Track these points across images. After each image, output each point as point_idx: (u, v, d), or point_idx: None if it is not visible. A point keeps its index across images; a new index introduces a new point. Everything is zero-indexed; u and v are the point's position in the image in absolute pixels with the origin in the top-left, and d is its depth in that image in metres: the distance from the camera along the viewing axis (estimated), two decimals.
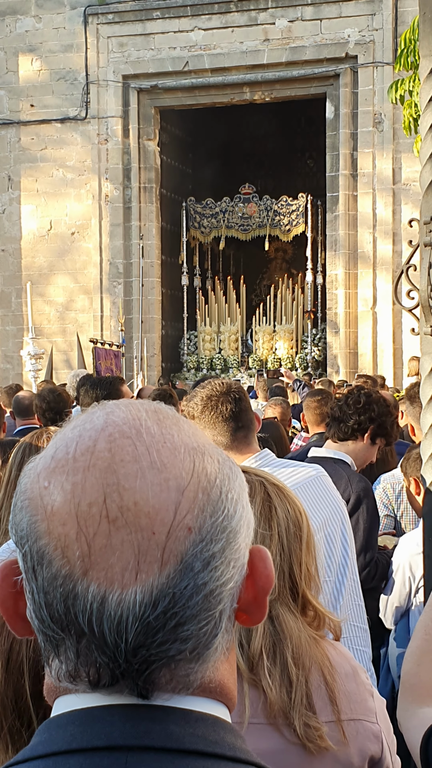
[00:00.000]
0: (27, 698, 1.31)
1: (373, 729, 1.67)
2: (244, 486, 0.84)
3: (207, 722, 0.79)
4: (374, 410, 3.81)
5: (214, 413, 2.76)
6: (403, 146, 15.66)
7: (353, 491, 3.67)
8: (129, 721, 0.76)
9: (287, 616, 1.68)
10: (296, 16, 16.47)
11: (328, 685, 1.64)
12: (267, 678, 1.62)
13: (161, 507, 0.76)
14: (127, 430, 0.79)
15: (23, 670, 1.32)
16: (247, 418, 2.80)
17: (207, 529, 0.78)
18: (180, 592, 0.76)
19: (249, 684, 1.62)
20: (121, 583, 0.75)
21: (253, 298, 20.47)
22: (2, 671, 1.33)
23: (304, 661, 1.64)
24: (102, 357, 10.80)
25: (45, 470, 0.80)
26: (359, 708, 1.66)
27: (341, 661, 1.70)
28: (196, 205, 18.46)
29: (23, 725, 1.30)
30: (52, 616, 0.77)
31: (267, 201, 18.14)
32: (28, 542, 0.78)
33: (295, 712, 1.60)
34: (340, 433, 3.83)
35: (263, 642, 1.64)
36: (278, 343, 18.14)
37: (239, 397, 2.80)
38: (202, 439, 0.84)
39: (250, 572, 0.83)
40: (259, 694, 1.62)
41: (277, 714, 1.61)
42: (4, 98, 17.94)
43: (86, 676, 0.77)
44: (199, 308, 18.57)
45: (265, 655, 1.63)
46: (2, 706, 1.32)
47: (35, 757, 0.78)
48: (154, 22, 17.06)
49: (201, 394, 2.82)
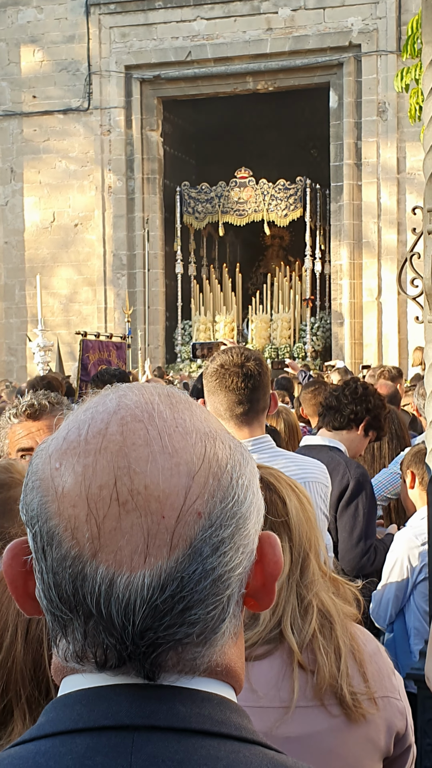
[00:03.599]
0: (46, 667, 1.32)
1: (399, 705, 1.72)
2: (255, 472, 0.85)
3: (213, 702, 0.79)
4: (370, 402, 3.85)
5: (220, 382, 2.70)
6: (408, 135, 15.61)
7: (352, 477, 3.69)
8: (136, 701, 0.77)
9: (326, 597, 1.74)
10: (299, 5, 16.41)
11: (360, 663, 1.69)
12: (323, 654, 1.66)
13: (171, 491, 0.77)
14: (140, 414, 0.80)
15: (42, 640, 1.34)
16: (254, 397, 2.70)
17: (217, 514, 0.78)
18: (188, 577, 0.76)
19: (299, 666, 1.67)
20: (129, 566, 0.75)
21: (249, 287, 20.11)
22: (22, 640, 1.34)
23: (345, 636, 1.71)
24: (94, 350, 10.62)
25: (56, 451, 0.81)
26: (386, 685, 1.71)
27: (366, 641, 1.75)
28: (190, 190, 18.04)
29: (41, 694, 1.32)
30: (61, 596, 0.77)
31: (264, 185, 17.66)
32: (38, 522, 0.79)
33: (343, 681, 1.65)
34: (335, 422, 3.85)
35: (315, 624, 1.69)
36: (275, 332, 17.62)
37: (252, 374, 2.69)
38: (214, 424, 0.84)
39: (260, 558, 0.83)
40: (306, 676, 1.67)
41: (325, 691, 1.66)
42: (6, 90, 17.92)
43: (93, 657, 0.78)
44: (194, 297, 18.16)
45: (320, 634, 1.68)
46: (21, 676, 1.33)
47: (42, 736, 0.78)
48: (156, 12, 17.02)
49: (218, 359, 2.76)
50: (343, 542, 3.69)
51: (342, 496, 3.68)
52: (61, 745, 0.76)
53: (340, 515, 3.69)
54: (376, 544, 3.73)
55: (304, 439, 4.12)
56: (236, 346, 3.10)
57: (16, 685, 1.32)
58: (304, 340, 17.27)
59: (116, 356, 11.15)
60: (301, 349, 17.19)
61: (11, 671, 1.33)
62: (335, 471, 3.58)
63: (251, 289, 19.89)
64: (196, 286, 18.13)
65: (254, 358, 2.77)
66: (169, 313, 18.28)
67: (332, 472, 3.31)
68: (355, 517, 3.67)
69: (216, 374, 2.72)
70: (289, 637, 1.67)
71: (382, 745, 1.68)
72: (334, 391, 4.00)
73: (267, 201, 17.49)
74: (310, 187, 17.20)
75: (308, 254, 17.42)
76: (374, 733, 1.67)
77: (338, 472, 3.64)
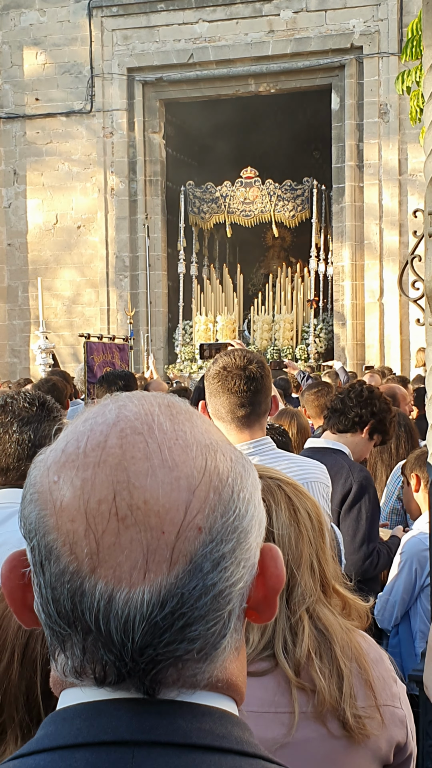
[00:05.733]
0: (38, 695, 1.31)
1: (399, 714, 1.69)
2: (256, 484, 0.83)
3: (214, 716, 0.79)
4: (376, 405, 3.83)
5: (223, 384, 2.70)
6: (409, 137, 15.59)
7: (355, 480, 3.68)
8: (136, 716, 0.76)
9: (326, 613, 1.69)
10: (301, 7, 16.40)
11: (364, 672, 1.66)
12: (320, 678, 1.62)
13: (171, 506, 0.75)
14: (139, 426, 0.78)
15: (36, 667, 1.33)
16: (256, 400, 2.71)
17: (217, 529, 0.77)
18: (189, 593, 0.75)
19: (297, 688, 1.63)
20: (129, 582, 0.74)
21: (249, 288, 19.93)
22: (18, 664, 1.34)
23: (347, 653, 1.66)
24: (98, 351, 10.61)
25: (55, 464, 0.79)
26: (387, 694, 1.69)
27: (369, 648, 1.72)
28: (195, 189, 17.85)
29: (32, 721, 1.31)
30: (59, 611, 0.77)
31: (270, 186, 17.49)
32: (36, 536, 0.78)
33: (345, 704, 1.61)
34: (340, 425, 3.84)
35: (310, 643, 1.65)
36: (277, 333, 17.34)
37: (254, 376, 2.70)
38: (215, 435, 0.83)
39: (261, 571, 0.82)
40: (307, 697, 1.63)
41: (327, 710, 1.62)
42: (9, 92, 17.93)
43: (92, 673, 0.77)
44: (195, 297, 17.94)
45: (314, 655, 1.64)
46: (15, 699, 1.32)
47: (41, 750, 0.77)
48: (158, 15, 17.01)
49: (221, 361, 2.76)
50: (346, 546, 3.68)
51: (345, 500, 3.67)
52: (60, 760, 0.75)
53: (342, 518, 3.68)
54: (379, 548, 3.73)
55: (308, 441, 4.12)
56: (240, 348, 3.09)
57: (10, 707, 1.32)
58: (306, 341, 17.14)
59: (119, 358, 11.12)
60: (304, 350, 17.03)
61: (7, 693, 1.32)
62: (338, 474, 3.57)
63: (251, 290, 19.80)
64: (197, 286, 18.02)
65: (256, 361, 2.77)
66: (171, 315, 18.22)
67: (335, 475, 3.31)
68: (357, 520, 3.66)
69: (218, 376, 2.72)
70: (282, 661, 1.64)
71: (382, 753, 1.66)
72: (340, 393, 3.99)
73: (274, 201, 17.41)
74: (316, 188, 17.14)
75: (313, 255, 17.31)
76: (374, 743, 1.65)
77: (341, 475, 3.63)
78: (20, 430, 2.51)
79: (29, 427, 2.52)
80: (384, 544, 3.82)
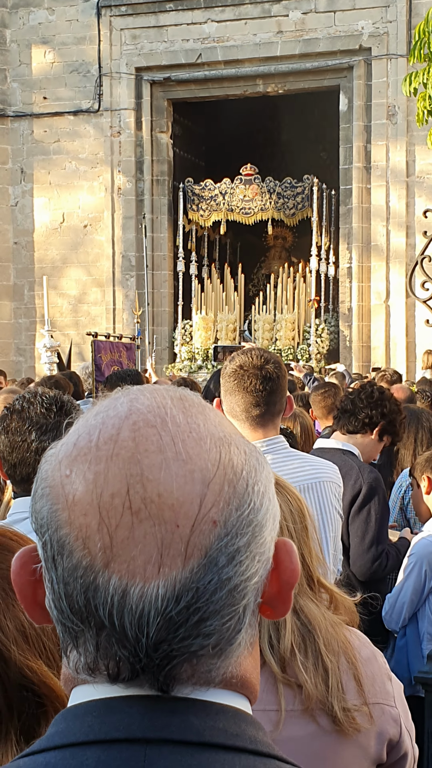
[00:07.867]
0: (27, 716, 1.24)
1: (392, 712, 1.69)
2: (270, 478, 0.82)
3: (228, 714, 0.78)
4: (386, 406, 3.81)
5: (239, 383, 2.70)
6: (417, 138, 15.56)
7: (365, 481, 3.67)
8: (148, 713, 0.75)
9: (310, 606, 1.69)
10: (310, 8, 16.39)
11: (353, 668, 1.66)
12: (303, 672, 1.63)
13: (186, 499, 0.74)
14: (152, 419, 0.77)
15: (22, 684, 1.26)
16: (271, 400, 2.71)
17: (232, 522, 0.76)
18: (204, 587, 0.74)
19: (283, 684, 1.63)
20: (143, 577, 0.73)
21: (250, 288, 19.75)
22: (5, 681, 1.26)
23: (334, 647, 1.66)
24: (106, 350, 10.63)
25: (66, 458, 0.78)
26: (379, 692, 1.69)
27: (360, 646, 1.72)
28: (194, 186, 17.53)
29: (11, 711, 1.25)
30: (72, 607, 0.76)
31: (270, 183, 17.19)
32: (49, 531, 0.77)
33: (333, 698, 1.62)
34: (350, 426, 3.82)
35: (293, 638, 1.65)
36: (279, 333, 17.05)
37: (270, 376, 2.70)
38: (228, 428, 0.82)
39: (276, 566, 0.81)
40: (294, 692, 1.64)
41: (314, 705, 1.63)
42: (17, 91, 17.94)
43: (105, 669, 0.76)
44: (195, 296, 17.63)
45: (297, 650, 1.64)
46: None
47: (52, 748, 0.76)
48: (167, 14, 17.01)
49: (237, 359, 2.77)
50: (355, 547, 3.67)
51: (354, 501, 3.66)
52: (71, 758, 0.74)
53: (352, 520, 3.67)
54: (387, 549, 3.72)
55: (318, 441, 4.11)
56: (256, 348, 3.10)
57: None
58: (308, 342, 17.02)
59: (126, 357, 11.14)
60: (305, 351, 16.90)
61: None
62: (348, 475, 3.56)
63: (252, 290, 19.69)
64: (198, 285, 17.87)
65: (273, 360, 2.77)
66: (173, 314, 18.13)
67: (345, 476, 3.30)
68: (367, 522, 3.65)
69: (235, 375, 2.72)
70: (268, 657, 1.63)
71: (372, 752, 1.66)
72: (350, 394, 3.97)
73: (274, 199, 17.26)
74: (317, 186, 17.02)
75: (314, 254, 17.08)
76: (364, 739, 1.65)
77: (351, 476, 3.62)
78: (39, 439, 2.42)
79: (48, 436, 2.42)
80: (393, 545, 3.81)
